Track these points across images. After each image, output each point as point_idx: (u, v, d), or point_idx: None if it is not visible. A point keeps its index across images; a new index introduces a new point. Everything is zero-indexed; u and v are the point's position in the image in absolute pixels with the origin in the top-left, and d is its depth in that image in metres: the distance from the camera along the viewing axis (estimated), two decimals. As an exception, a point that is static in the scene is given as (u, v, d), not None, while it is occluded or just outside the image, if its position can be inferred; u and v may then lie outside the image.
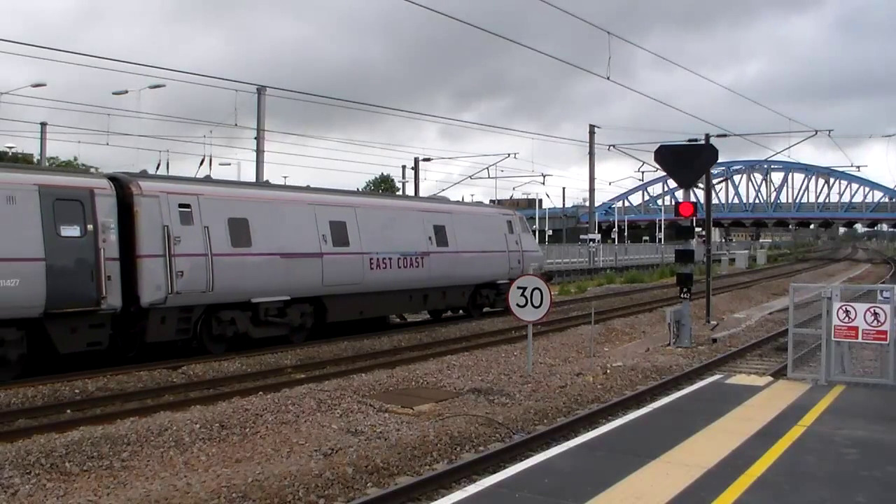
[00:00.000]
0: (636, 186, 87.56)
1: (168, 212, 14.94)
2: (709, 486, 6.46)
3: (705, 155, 19.12)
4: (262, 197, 17.54)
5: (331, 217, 18.47)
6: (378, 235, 19.59)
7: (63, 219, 13.37)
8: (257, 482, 7.51)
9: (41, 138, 35.84)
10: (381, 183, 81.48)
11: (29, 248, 12.85)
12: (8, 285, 12.45)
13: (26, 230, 12.88)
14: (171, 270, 14.70)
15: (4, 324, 12.59)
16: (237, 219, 16.20)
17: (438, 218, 22.14)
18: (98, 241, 13.76)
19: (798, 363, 12.58)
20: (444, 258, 21.49)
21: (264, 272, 16.50)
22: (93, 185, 14.17)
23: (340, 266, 18.26)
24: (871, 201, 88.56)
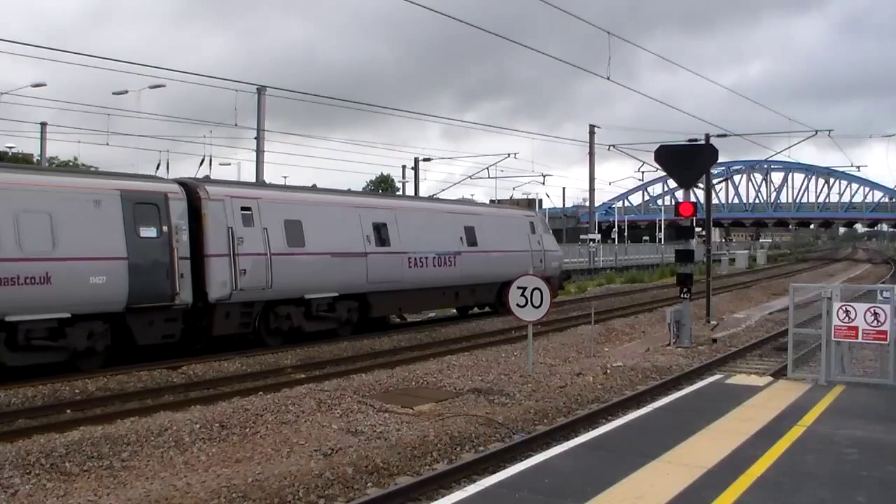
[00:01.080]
0: (636, 186, 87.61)
1: (232, 214, 16.12)
2: (709, 486, 6.46)
3: (705, 155, 19.13)
4: (314, 200, 18.89)
5: (373, 219, 19.71)
6: (415, 236, 20.75)
7: (142, 221, 14.54)
8: (257, 482, 7.51)
9: (41, 138, 35.84)
10: (381, 183, 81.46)
11: (114, 248, 14.02)
12: (96, 282, 13.62)
13: (111, 232, 14.08)
14: (235, 269, 15.89)
15: (93, 317, 13.74)
16: (292, 220, 17.40)
17: (468, 220, 23.36)
18: (172, 241, 14.92)
19: (798, 363, 12.57)
20: (474, 257, 22.59)
21: (316, 270, 17.70)
22: (166, 189, 15.36)
23: (383, 265, 19.44)
24: (871, 201, 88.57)
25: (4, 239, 12.67)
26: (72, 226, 13.59)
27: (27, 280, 12.83)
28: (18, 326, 12.78)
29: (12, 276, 12.65)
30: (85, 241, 13.65)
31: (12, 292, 12.62)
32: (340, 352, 16.80)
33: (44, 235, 13.20)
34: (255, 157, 29.70)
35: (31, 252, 12.97)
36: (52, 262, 13.18)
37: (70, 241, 13.48)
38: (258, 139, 29.19)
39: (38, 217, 13.19)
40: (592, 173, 48.71)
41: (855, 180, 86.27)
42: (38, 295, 12.95)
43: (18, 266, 12.76)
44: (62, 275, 13.26)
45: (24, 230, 12.94)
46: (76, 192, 13.99)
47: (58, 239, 13.34)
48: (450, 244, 21.97)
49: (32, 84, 32.28)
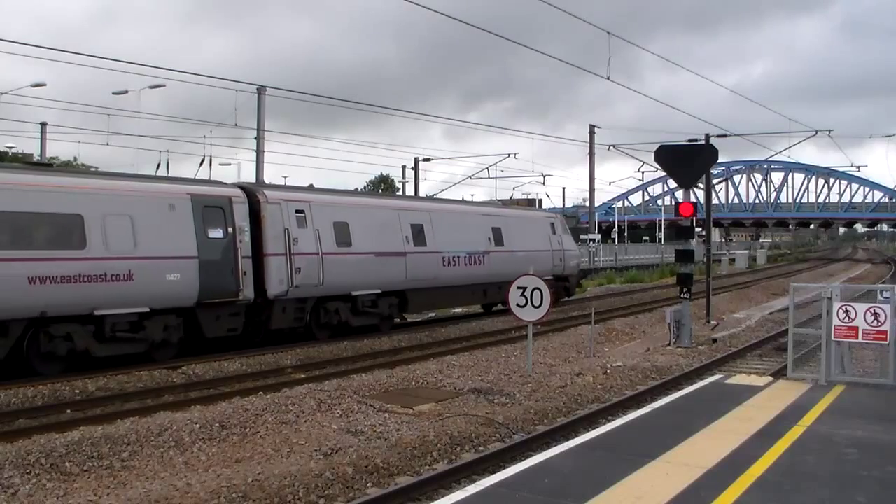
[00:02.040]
0: (636, 186, 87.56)
1: (287, 216, 17.30)
2: (709, 486, 6.46)
3: (705, 155, 19.12)
4: (359, 203, 20.34)
5: (411, 220, 20.96)
6: (448, 237, 22.03)
7: (210, 223, 15.72)
8: (257, 482, 7.51)
9: (41, 138, 35.79)
10: (381, 183, 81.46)
11: (186, 247, 15.19)
12: (172, 279, 14.81)
13: (184, 233, 15.24)
14: (290, 267, 17.05)
15: (168, 312, 14.91)
16: (340, 222, 18.66)
17: (495, 221, 24.72)
18: (236, 241, 16.09)
19: (798, 363, 12.57)
20: (500, 256, 23.86)
21: (362, 269, 18.97)
22: (230, 193, 16.52)
23: (420, 263, 20.70)
24: (871, 201, 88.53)
25: (93, 239, 13.79)
26: (150, 227, 14.71)
27: (113, 277, 13.94)
28: (105, 319, 13.91)
29: (100, 274, 13.76)
30: (162, 242, 14.81)
31: (100, 288, 13.77)
32: (340, 352, 16.80)
33: (127, 236, 14.31)
34: (255, 157, 29.68)
35: (116, 251, 14.10)
36: (134, 261, 14.30)
37: (149, 242, 14.60)
38: (258, 139, 29.17)
39: (121, 219, 14.32)
40: (592, 173, 48.65)
41: (855, 180, 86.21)
42: (122, 291, 14.07)
43: (105, 264, 13.87)
44: (143, 272, 14.38)
45: (109, 232, 14.07)
46: (153, 197, 15.14)
47: (138, 239, 14.46)
48: (479, 244, 23.27)
49: (32, 84, 32.28)
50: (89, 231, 13.77)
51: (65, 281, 13.30)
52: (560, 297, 27.85)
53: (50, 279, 13.11)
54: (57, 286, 13.19)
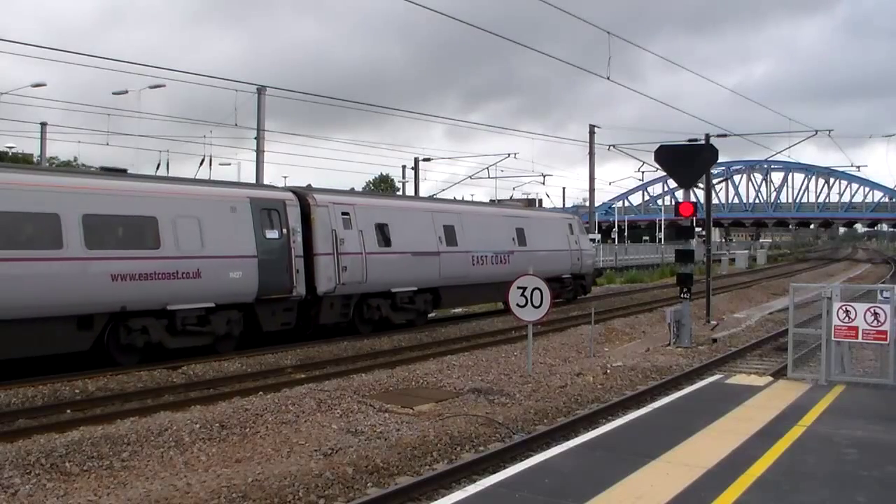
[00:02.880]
0: (636, 186, 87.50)
1: (334, 218, 18.49)
2: (709, 486, 6.46)
3: (705, 155, 19.12)
4: (397, 206, 21.78)
5: (444, 222, 22.26)
6: (477, 237, 23.33)
7: (266, 224, 16.86)
8: (257, 482, 7.51)
9: (41, 138, 35.79)
10: (381, 183, 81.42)
11: (247, 247, 16.28)
12: (234, 277, 15.92)
13: (244, 233, 16.35)
14: (338, 266, 18.24)
15: (230, 307, 16.02)
16: (381, 224, 19.91)
17: (518, 222, 26.12)
18: (290, 242, 17.24)
19: (798, 363, 12.57)
20: (524, 256, 24.90)
21: (401, 267, 20.19)
22: (284, 197, 17.74)
23: (452, 262, 21.99)
24: (871, 201, 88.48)
25: (166, 240, 14.86)
26: (215, 228, 15.83)
27: (183, 275, 15.02)
28: (176, 314, 14.97)
29: (173, 272, 14.86)
30: (225, 242, 15.94)
31: (172, 285, 14.85)
32: (340, 352, 16.80)
33: (195, 237, 15.41)
34: (255, 157, 29.67)
35: (186, 251, 15.18)
36: (202, 260, 15.39)
37: (214, 242, 15.70)
38: (258, 139, 29.15)
39: (190, 221, 15.42)
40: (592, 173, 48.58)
41: (855, 180, 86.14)
42: (191, 287, 15.16)
43: (177, 263, 14.97)
44: (209, 270, 15.47)
45: (180, 233, 15.16)
46: (217, 200, 16.27)
47: (205, 240, 15.56)
48: (504, 244, 24.57)
49: (32, 84, 32.28)
50: (163, 232, 14.86)
51: (142, 278, 14.37)
52: (577, 294, 29.51)
53: (129, 276, 14.17)
54: (135, 283, 14.25)
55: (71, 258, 13.38)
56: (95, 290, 13.67)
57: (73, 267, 13.41)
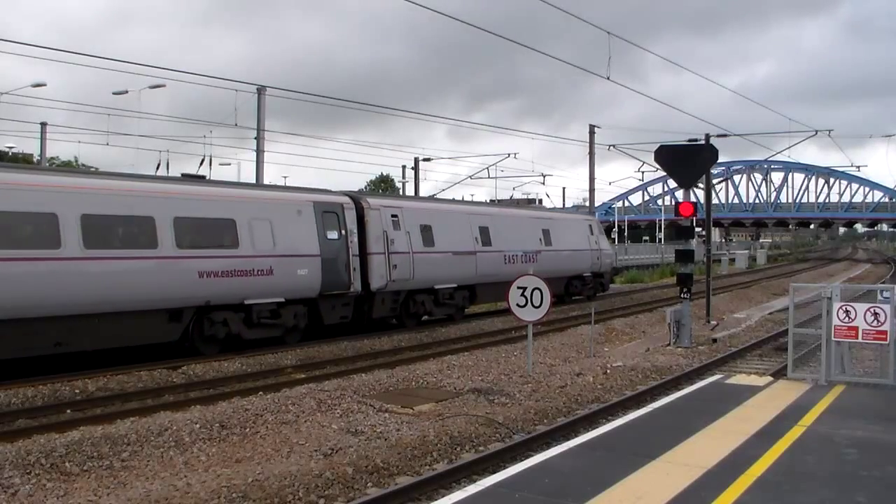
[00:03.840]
0: (636, 186, 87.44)
1: (385, 220, 19.90)
2: (709, 486, 6.46)
3: (705, 155, 19.11)
4: (439, 209, 23.28)
5: (479, 224, 23.84)
6: (508, 238, 24.87)
7: (328, 226, 18.28)
8: (257, 482, 7.51)
9: (41, 138, 35.79)
10: (381, 183, 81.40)
11: (312, 246, 17.70)
12: (302, 274, 17.30)
13: (309, 234, 17.75)
14: (388, 264, 19.62)
15: (297, 302, 17.38)
16: (425, 225, 21.38)
17: (545, 223, 27.78)
18: (348, 242, 18.67)
19: (798, 363, 12.57)
20: (549, 255, 26.85)
21: (443, 266, 21.71)
22: (342, 201, 19.16)
23: (487, 261, 23.47)
24: (871, 201, 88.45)
25: (244, 240, 16.19)
26: (284, 230, 17.18)
27: (258, 272, 16.37)
28: (252, 308, 16.30)
29: (249, 269, 16.19)
30: (293, 242, 17.31)
31: (249, 281, 16.19)
32: (340, 352, 16.81)
33: (268, 237, 16.74)
34: (255, 157, 29.65)
35: (261, 250, 16.51)
36: (274, 258, 16.73)
37: (284, 242, 17.06)
38: (258, 139, 29.11)
39: (263, 223, 16.76)
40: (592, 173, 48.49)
41: (855, 180, 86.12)
42: (265, 284, 16.51)
43: (253, 261, 16.29)
44: (280, 268, 16.83)
45: (255, 234, 16.48)
46: (286, 204, 17.66)
47: (276, 240, 16.88)
48: (532, 244, 26.20)
49: (32, 84, 32.28)
50: (240, 233, 16.22)
51: (223, 275, 15.69)
52: (597, 291, 31.24)
53: (213, 274, 15.49)
54: (217, 279, 15.58)
55: (164, 257, 14.74)
56: (185, 285, 15.04)
57: (166, 265, 14.74)
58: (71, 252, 13.34)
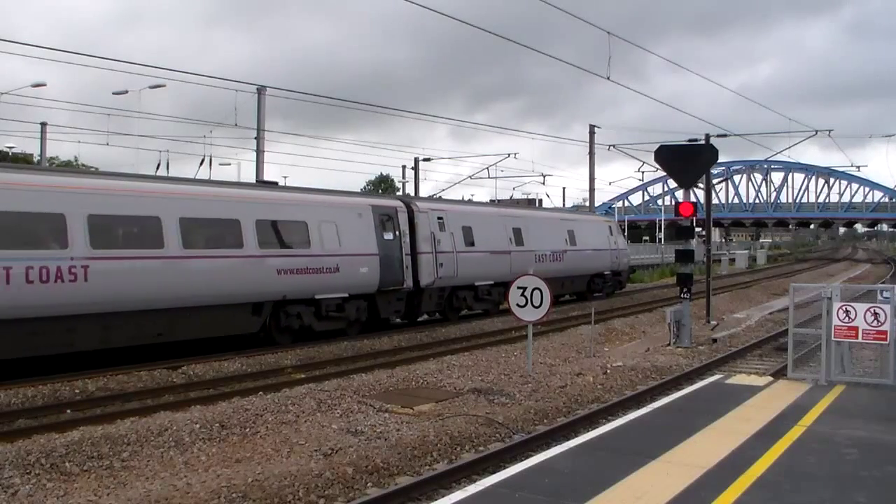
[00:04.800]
0: (636, 186, 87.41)
1: (433, 223, 21.68)
2: (709, 486, 6.46)
3: (705, 155, 19.10)
4: (478, 211, 25.63)
5: (512, 225, 25.75)
6: (538, 238, 26.76)
7: (384, 227, 19.95)
8: (257, 482, 7.51)
9: (41, 138, 35.77)
10: (381, 183, 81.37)
11: (371, 246, 19.37)
12: (363, 272, 19.00)
13: (369, 235, 19.42)
14: (436, 263, 21.40)
15: (358, 297, 19.05)
16: (466, 227, 23.14)
17: (570, 225, 29.76)
18: (401, 242, 20.35)
19: (798, 363, 12.57)
20: (574, 254, 28.95)
21: (482, 264, 23.47)
22: (396, 205, 21.06)
23: (520, 260, 24.84)
24: (871, 201, 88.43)
25: (314, 241, 17.89)
26: (348, 231, 18.84)
27: (326, 269, 18.06)
28: (322, 302, 18.02)
29: (318, 267, 17.85)
30: (356, 242, 18.97)
31: (319, 278, 17.84)
32: (340, 352, 16.81)
33: (334, 238, 18.43)
34: (255, 157, 29.65)
35: (328, 250, 18.21)
36: (340, 257, 18.43)
37: (348, 242, 18.73)
38: (258, 139, 29.10)
39: (330, 226, 18.45)
40: (592, 173, 48.47)
41: (855, 180, 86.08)
42: (332, 280, 18.18)
43: (322, 260, 17.99)
44: (345, 266, 18.52)
45: (324, 235, 18.15)
46: (349, 207, 19.36)
47: (342, 241, 18.57)
48: (559, 244, 28.16)
49: (32, 84, 32.28)
50: (312, 234, 17.87)
51: (298, 272, 17.31)
52: (615, 288, 33.14)
53: (289, 271, 17.11)
54: (293, 276, 17.18)
55: (248, 256, 16.34)
56: (265, 282, 16.64)
57: (250, 263, 16.36)
58: (172, 251, 14.89)
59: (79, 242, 13.48)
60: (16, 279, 12.55)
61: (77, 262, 13.37)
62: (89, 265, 13.51)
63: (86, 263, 13.48)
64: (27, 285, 12.69)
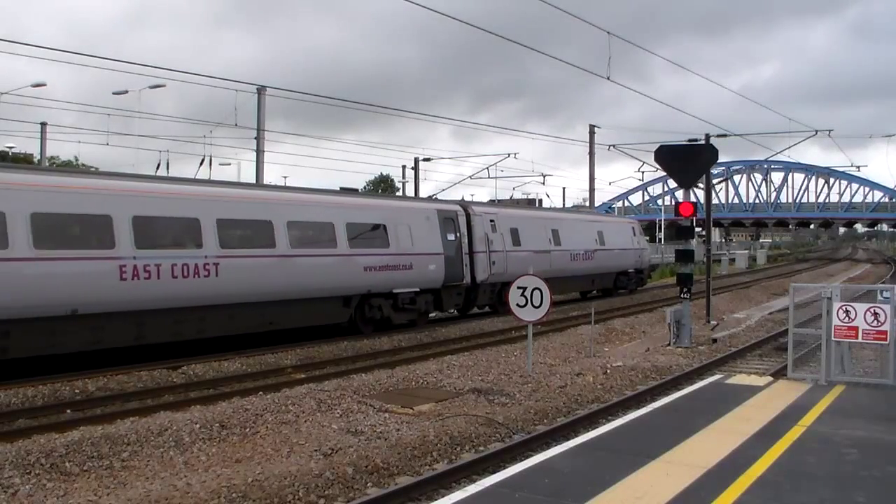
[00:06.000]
0: (636, 186, 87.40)
1: (486, 225, 24.09)
2: (709, 486, 6.46)
3: (705, 155, 19.10)
4: (523, 214, 28.13)
5: (551, 227, 28.26)
6: (573, 238, 29.25)
7: (447, 229, 22.29)
8: (257, 482, 7.51)
9: (41, 138, 35.77)
10: (381, 183, 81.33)
11: (437, 246, 21.68)
12: (431, 269, 21.29)
13: (435, 236, 21.72)
14: (489, 261, 23.72)
15: (427, 291, 21.28)
16: (514, 228, 25.62)
17: (599, 226, 32.12)
18: (461, 242, 22.73)
19: (798, 363, 12.57)
20: (603, 253, 31.35)
21: (527, 262, 23.91)
22: (456, 209, 23.44)
23: (558, 258, 27.86)
24: (871, 201, 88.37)
25: (392, 241, 20.13)
26: (419, 232, 21.06)
27: (402, 266, 20.29)
28: (398, 296, 20.25)
29: (395, 265, 20.07)
30: (425, 243, 21.20)
31: (397, 274, 20.11)
32: (340, 352, 16.80)
33: (408, 239, 20.60)
34: (255, 157, 29.63)
35: (404, 249, 20.41)
36: (413, 256, 20.67)
37: (419, 243, 20.96)
38: (258, 139, 29.11)
39: (404, 228, 20.64)
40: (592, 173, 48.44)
41: (855, 180, 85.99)
42: (407, 276, 20.43)
43: (398, 258, 20.19)
44: (417, 263, 20.76)
45: (399, 236, 20.37)
46: (419, 211, 21.81)
47: (414, 241, 20.76)
48: (590, 244, 30.52)
49: (32, 84, 32.27)
50: (390, 235, 20.12)
51: (380, 269, 19.58)
52: (638, 284, 35.66)
53: (373, 268, 19.38)
54: (376, 272, 19.47)
55: (341, 254, 18.62)
56: (355, 277, 18.90)
57: (343, 260, 18.63)
58: (282, 251, 17.08)
59: (210, 243, 15.59)
60: (164, 274, 14.60)
61: (210, 259, 15.48)
62: (219, 262, 15.62)
63: (216, 261, 15.59)
64: (172, 280, 14.76)
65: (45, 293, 12.93)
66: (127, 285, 14.03)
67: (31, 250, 12.81)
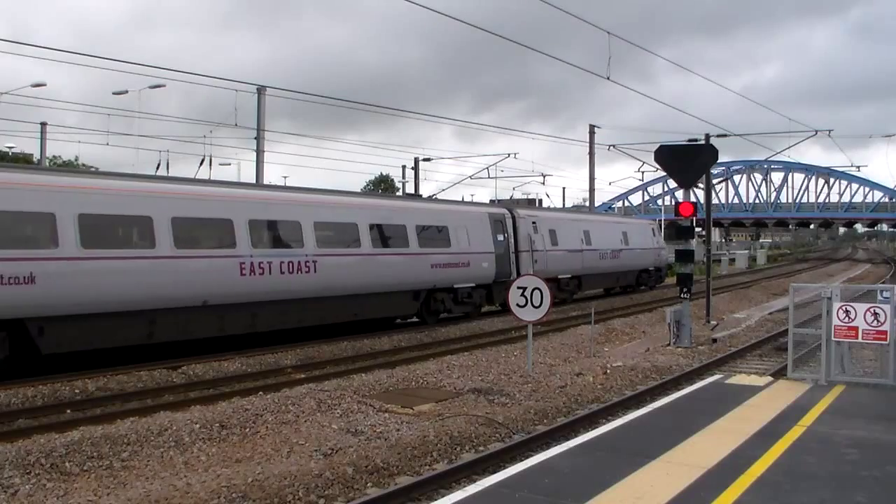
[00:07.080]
0: (636, 186, 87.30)
1: (529, 226, 26.55)
2: (709, 486, 6.46)
3: (705, 155, 19.09)
4: (560, 217, 30.83)
5: (584, 228, 30.66)
6: (602, 239, 31.55)
7: (496, 231, 24.62)
8: (257, 482, 7.51)
9: (41, 138, 35.74)
10: (381, 183, 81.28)
11: (488, 246, 24.05)
12: (484, 266, 23.68)
13: (487, 237, 24.09)
14: (532, 259, 26.00)
15: (480, 287, 23.70)
16: (552, 229, 27.98)
17: (623, 227, 34.77)
18: (508, 242, 25.10)
19: (798, 363, 12.56)
20: (628, 252, 33.92)
21: (563, 260, 28.37)
22: (504, 212, 26.05)
23: (589, 257, 30.33)
24: (871, 201, 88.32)
25: (452, 241, 22.50)
26: (474, 233, 23.47)
27: (461, 264, 22.68)
28: (458, 290, 22.74)
29: (456, 262, 22.46)
30: (479, 243, 23.62)
31: (457, 271, 22.51)
32: (340, 352, 16.80)
33: (465, 240, 23.04)
34: (255, 157, 29.61)
35: (462, 249, 22.85)
36: (470, 254, 23.07)
37: (474, 242, 23.36)
38: (258, 139, 29.08)
39: (462, 229, 23.09)
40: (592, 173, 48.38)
41: (855, 180, 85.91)
42: (465, 272, 22.85)
43: (458, 256, 22.60)
44: (473, 261, 23.14)
45: (458, 237, 22.80)
46: (474, 214, 24.45)
47: (470, 242, 23.16)
48: (617, 244, 32.93)
49: (32, 84, 32.25)
50: (451, 236, 22.49)
51: (443, 266, 21.97)
52: (657, 282, 37.92)
53: (438, 265, 21.75)
54: (440, 269, 21.82)
55: (412, 253, 20.90)
56: (423, 273, 21.23)
57: (413, 258, 20.90)
58: (365, 250, 19.47)
59: (310, 244, 17.83)
60: (274, 270, 16.76)
61: (310, 257, 17.70)
62: (317, 260, 17.84)
63: (315, 259, 17.81)
64: (280, 275, 16.94)
65: (183, 287, 15.05)
66: (245, 280, 16.21)
67: (173, 250, 14.94)
